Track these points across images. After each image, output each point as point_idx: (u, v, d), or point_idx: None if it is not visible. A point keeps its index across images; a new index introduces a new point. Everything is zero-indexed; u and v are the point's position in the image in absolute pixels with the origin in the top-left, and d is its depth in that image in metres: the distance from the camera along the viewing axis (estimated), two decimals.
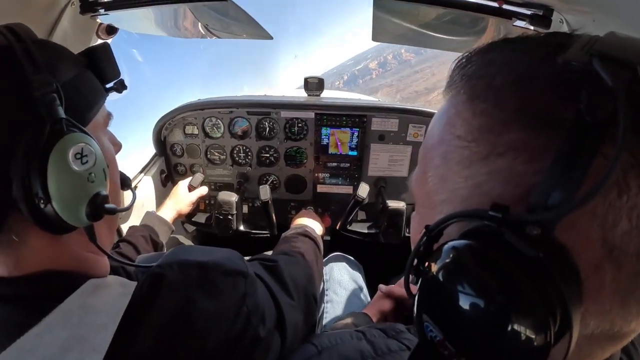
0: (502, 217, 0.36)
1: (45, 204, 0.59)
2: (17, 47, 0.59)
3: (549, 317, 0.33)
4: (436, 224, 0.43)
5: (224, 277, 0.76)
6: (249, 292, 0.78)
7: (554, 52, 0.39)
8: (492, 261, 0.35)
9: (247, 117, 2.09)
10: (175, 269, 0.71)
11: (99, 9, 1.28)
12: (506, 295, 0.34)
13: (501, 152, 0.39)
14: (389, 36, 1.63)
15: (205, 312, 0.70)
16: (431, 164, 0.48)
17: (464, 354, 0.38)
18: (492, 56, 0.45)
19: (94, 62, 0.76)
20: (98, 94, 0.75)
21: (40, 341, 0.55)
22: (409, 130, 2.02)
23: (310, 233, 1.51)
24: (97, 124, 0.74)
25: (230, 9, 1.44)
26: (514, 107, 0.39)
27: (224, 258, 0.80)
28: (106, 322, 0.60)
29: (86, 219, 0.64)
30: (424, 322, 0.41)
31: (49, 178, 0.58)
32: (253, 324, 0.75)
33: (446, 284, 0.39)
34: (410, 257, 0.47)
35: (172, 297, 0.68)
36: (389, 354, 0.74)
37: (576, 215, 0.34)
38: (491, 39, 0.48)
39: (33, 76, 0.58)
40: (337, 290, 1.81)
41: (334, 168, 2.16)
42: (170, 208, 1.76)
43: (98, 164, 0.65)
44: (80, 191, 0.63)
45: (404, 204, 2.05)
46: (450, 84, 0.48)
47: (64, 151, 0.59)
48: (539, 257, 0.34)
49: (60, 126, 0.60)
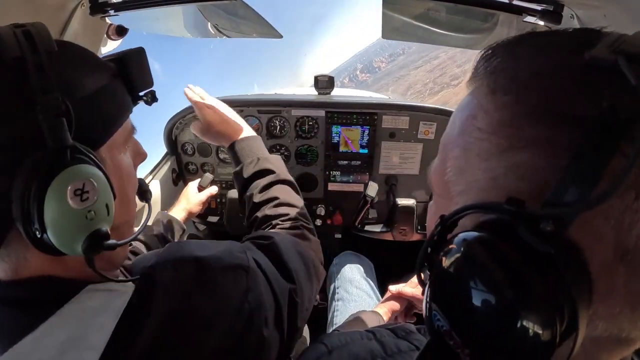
0: (516, 211, 0.35)
1: (41, 234, 0.56)
2: (30, 59, 0.55)
3: (556, 315, 0.33)
4: (451, 215, 0.43)
5: (223, 272, 0.73)
6: (251, 286, 0.75)
7: (579, 49, 0.38)
8: (503, 254, 0.35)
9: (257, 115, 2.09)
10: (169, 269, 0.69)
11: (109, 10, 1.29)
12: (514, 289, 0.34)
13: (521, 147, 0.39)
14: (398, 33, 1.62)
15: (204, 310, 0.68)
16: (451, 155, 0.48)
17: (468, 345, 0.38)
18: (517, 49, 0.45)
19: (125, 69, 0.71)
20: (122, 109, 0.70)
21: (38, 345, 0.55)
22: (419, 127, 2.00)
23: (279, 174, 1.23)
24: (115, 142, 0.69)
25: (239, 8, 1.44)
26: (536, 102, 0.39)
27: (223, 252, 0.77)
28: (104, 321, 0.60)
29: (82, 253, 0.60)
30: (432, 311, 0.41)
31: (46, 210, 0.55)
32: (255, 323, 0.73)
33: (456, 274, 0.39)
34: (424, 245, 0.47)
35: (167, 297, 0.66)
36: (398, 354, 0.74)
37: (591, 215, 0.34)
38: (501, 36, 0.48)
39: (40, 96, 0.54)
40: (348, 288, 1.81)
41: (345, 166, 2.15)
42: (181, 209, 1.77)
43: (100, 200, 0.61)
44: (77, 228, 0.58)
45: (414, 201, 2.04)
46: (475, 75, 0.48)
47: (63, 187, 0.56)
48: (550, 254, 0.33)
49: (64, 156, 0.56)
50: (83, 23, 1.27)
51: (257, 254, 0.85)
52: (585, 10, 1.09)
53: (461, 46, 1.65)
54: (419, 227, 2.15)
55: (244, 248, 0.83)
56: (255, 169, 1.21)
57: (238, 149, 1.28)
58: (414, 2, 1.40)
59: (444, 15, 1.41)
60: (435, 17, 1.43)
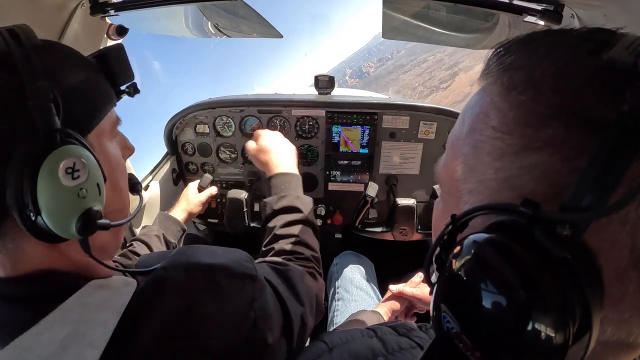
0: (532, 214, 0.35)
1: (35, 216, 0.57)
2: (16, 53, 0.57)
3: (570, 319, 0.33)
4: (463, 215, 0.43)
5: (231, 280, 0.75)
6: (257, 296, 0.78)
7: (596, 49, 0.38)
8: (518, 257, 0.35)
9: (258, 115, 2.09)
10: (180, 272, 0.71)
11: (109, 10, 1.29)
12: (529, 293, 0.33)
13: (537, 147, 0.38)
14: (399, 33, 1.62)
15: (211, 316, 0.69)
16: (460, 152, 0.48)
17: (479, 348, 0.37)
18: (532, 47, 0.44)
19: (106, 64, 0.74)
20: (106, 99, 0.73)
21: (39, 339, 0.55)
22: (420, 127, 2.00)
23: (306, 215, 1.26)
24: (102, 130, 0.71)
25: (240, 8, 1.44)
26: (553, 103, 0.38)
27: (232, 260, 0.79)
28: (106, 318, 0.60)
29: (77, 234, 0.61)
30: (441, 313, 0.41)
31: (39, 191, 0.56)
32: (260, 330, 0.75)
33: (469, 276, 0.38)
34: (433, 245, 0.47)
35: (176, 299, 0.68)
36: (399, 351, 0.74)
37: (607, 220, 0.34)
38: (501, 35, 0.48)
39: (29, 84, 0.56)
40: (349, 288, 1.81)
41: (345, 166, 2.15)
42: (182, 209, 1.78)
43: (91, 179, 0.62)
44: (70, 206, 0.60)
45: (414, 201, 2.04)
46: (486, 72, 0.47)
47: (54, 165, 0.57)
48: (566, 258, 0.33)
49: (54, 138, 0.58)
50: (83, 23, 1.27)
51: (268, 273, 0.90)
52: (585, 10, 1.09)
53: (461, 46, 1.65)
54: (419, 227, 2.15)
55: (251, 259, 0.85)
56: (285, 203, 1.24)
57: (275, 181, 1.31)
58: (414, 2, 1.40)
59: (445, 15, 1.42)
60: (436, 17, 1.43)
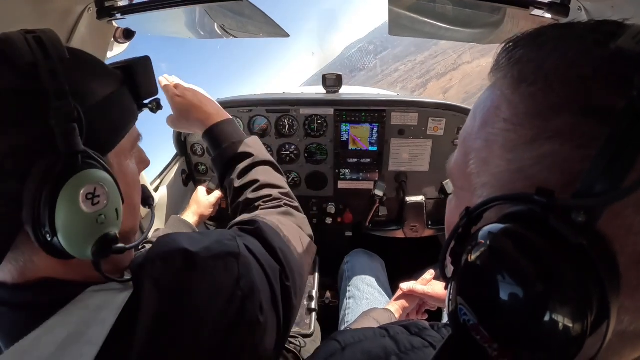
0: (547, 202, 0.35)
1: (52, 237, 0.56)
2: (43, 65, 0.55)
3: (588, 307, 0.32)
4: (478, 206, 0.43)
5: (213, 262, 0.73)
6: (243, 273, 0.75)
7: (604, 40, 0.38)
8: (535, 246, 0.35)
9: (266, 115, 2.10)
10: (158, 263, 0.69)
11: (116, 14, 1.29)
12: (548, 281, 0.33)
13: (548, 137, 0.39)
14: (406, 30, 1.62)
15: (196, 301, 0.68)
16: (473, 146, 0.48)
17: (497, 339, 0.37)
18: (541, 40, 0.44)
19: (132, 77, 0.72)
20: (128, 115, 0.71)
21: (38, 342, 0.55)
22: (428, 124, 1.99)
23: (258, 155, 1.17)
24: (122, 148, 0.70)
25: (245, 8, 1.44)
26: (563, 93, 0.39)
27: (213, 241, 0.77)
28: (105, 317, 0.60)
29: (92, 257, 0.61)
30: (458, 305, 0.41)
31: (57, 214, 0.56)
32: (249, 308, 0.72)
33: (485, 266, 0.38)
34: (448, 239, 0.47)
35: (156, 292, 0.66)
36: (412, 350, 0.73)
37: (622, 205, 0.34)
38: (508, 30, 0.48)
39: (53, 102, 0.55)
40: (360, 286, 1.81)
41: (354, 164, 2.15)
42: (193, 213, 1.79)
43: (110, 204, 0.62)
44: (88, 232, 0.59)
45: (422, 197, 2.03)
46: (496, 67, 0.48)
47: (75, 191, 0.56)
48: (583, 245, 0.33)
49: (76, 160, 0.57)
50: (90, 27, 1.28)
51: (247, 239, 0.84)
52: (592, 3, 1.08)
53: (468, 41, 1.65)
54: (430, 223, 2.14)
55: (234, 235, 0.83)
56: (232, 153, 1.16)
57: (213, 135, 1.19)
58: None
59: (451, 10, 1.41)
60: (442, 12, 1.42)
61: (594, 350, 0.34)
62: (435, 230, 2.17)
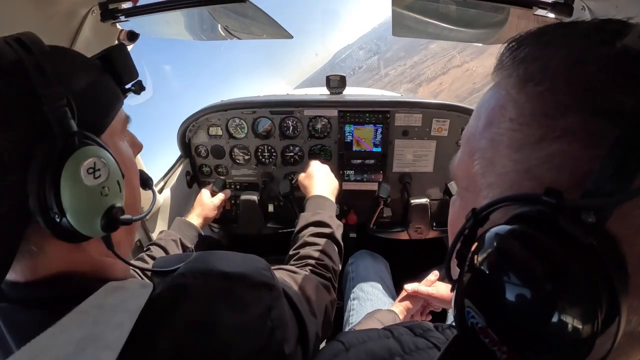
0: (556, 202, 0.35)
1: (60, 218, 0.58)
2: (27, 61, 0.58)
3: (598, 308, 0.32)
4: (484, 207, 0.42)
5: (248, 289, 0.75)
6: (274, 305, 0.78)
7: (610, 39, 0.38)
8: (544, 247, 0.35)
9: (270, 116, 2.10)
10: (199, 279, 0.71)
11: (120, 16, 1.30)
12: (557, 283, 0.33)
13: (556, 137, 0.38)
14: (409, 30, 1.62)
15: (228, 325, 0.69)
16: (477, 146, 0.47)
17: (506, 341, 0.37)
18: (546, 39, 0.44)
19: (110, 64, 0.75)
20: (114, 99, 0.74)
21: (54, 341, 0.56)
22: (432, 125, 1.99)
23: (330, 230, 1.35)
24: (113, 129, 0.73)
25: (249, 10, 1.45)
26: (570, 92, 0.38)
27: (250, 268, 0.79)
28: (122, 320, 0.60)
29: (102, 231, 0.63)
30: (465, 308, 0.41)
31: (62, 193, 0.58)
32: (277, 339, 0.75)
33: (494, 268, 0.38)
34: (454, 241, 0.46)
35: (196, 307, 0.68)
36: (416, 351, 0.73)
37: (630, 206, 0.34)
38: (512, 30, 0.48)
39: (43, 90, 0.57)
40: (364, 287, 1.81)
41: (358, 165, 2.15)
42: (197, 215, 1.80)
43: (112, 177, 0.64)
44: (94, 205, 0.62)
45: (427, 199, 2.02)
46: (500, 67, 0.47)
47: (76, 167, 0.58)
48: (593, 245, 0.33)
49: (72, 140, 0.59)
50: (94, 30, 1.29)
51: (284, 282, 0.93)
52: (596, 2, 1.07)
53: (472, 41, 1.64)
54: (434, 224, 2.14)
55: (269, 266, 0.86)
56: (318, 218, 1.36)
57: (312, 201, 1.48)
58: None
59: (454, 10, 1.40)
60: (445, 12, 1.42)
61: (604, 350, 0.34)
62: (439, 231, 2.16)
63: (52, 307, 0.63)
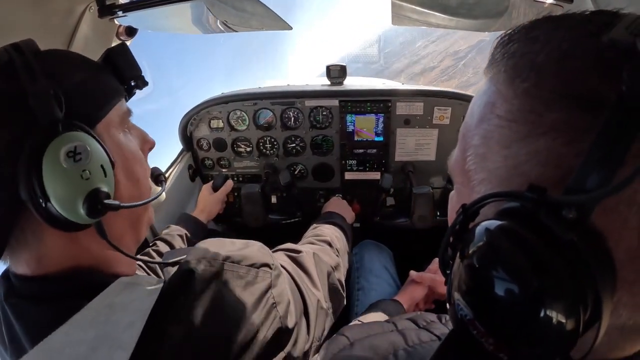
0: (538, 198, 0.35)
1: (45, 203, 0.60)
2: (18, 61, 0.61)
3: (580, 302, 0.33)
4: (472, 203, 0.43)
5: (249, 269, 0.78)
6: (274, 282, 0.81)
7: (597, 31, 0.38)
8: (525, 242, 0.35)
9: (271, 108, 2.09)
10: (204, 264, 0.72)
11: (117, 11, 1.30)
12: (536, 277, 0.34)
13: (541, 133, 0.39)
14: (408, 19, 1.60)
15: (234, 304, 0.72)
16: (471, 143, 0.48)
17: (492, 334, 0.38)
18: (535, 34, 0.44)
19: (112, 62, 0.78)
20: (112, 93, 0.76)
21: (68, 340, 0.57)
22: (434, 113, 1.98)
23: (338, 222, 1.59)
24: (110, 121, 0.74)
25: (247, 2, 1.43)
26: (556, 87, 0.39)
27: (251, 251, 0.82)
28: (133, 320, 0.61)
29: (87, 217, 0.64)
30: (456, 300, 0.41)
31: (44, 178, 0.59)
32: (279, 315, 0.78)
33: (478, 263, 0.39)
34: (446, 235, 0.47)
35: (205, 292, 0.69)
36: (420, 344, 0.74)
37: (615, 200, 0.34)
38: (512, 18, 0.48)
39: (29, 86, 0.60)
40: (368, 277, 1.82)
41: (360, 155, 2.14)
42: (201, 211, 1.84)
43: (94, 161, 0.65)
44: (74, 188, 0.62)
45: (429, 188, 2.02)
46: (492, 62, 0.47)
47: (56, 151, 0.60)
48: (573, 241, 0.33)
49: (55, 128, 0.61)
50: (92, 26, 1.28)
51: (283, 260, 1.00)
52: None
53: (472, 29, 1.62)
54: (438, 213, 2.14)
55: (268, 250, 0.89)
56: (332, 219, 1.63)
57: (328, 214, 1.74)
58: None
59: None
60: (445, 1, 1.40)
61: (588, 344, 0.34)
62: (443, 221, 2.16)
63: (63, 302, 0.64)
